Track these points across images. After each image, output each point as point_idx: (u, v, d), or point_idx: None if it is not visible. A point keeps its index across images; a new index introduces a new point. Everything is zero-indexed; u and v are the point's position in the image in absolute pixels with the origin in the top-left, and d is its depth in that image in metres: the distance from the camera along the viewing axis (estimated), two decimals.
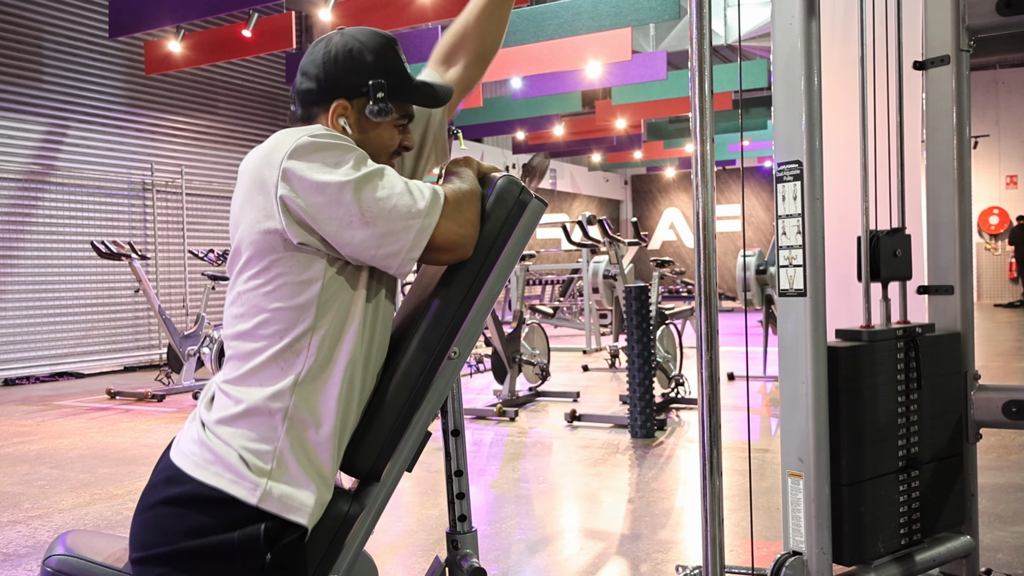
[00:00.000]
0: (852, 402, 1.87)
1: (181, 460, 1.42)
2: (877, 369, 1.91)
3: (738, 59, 5.30)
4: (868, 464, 1.89)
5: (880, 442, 1.91)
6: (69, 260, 9.42)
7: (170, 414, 6.75)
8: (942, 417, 2.07)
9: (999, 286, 17.62)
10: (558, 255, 17.23)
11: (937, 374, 2.05)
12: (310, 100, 1.52)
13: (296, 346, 1.41)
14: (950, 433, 2.09)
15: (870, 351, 1.91)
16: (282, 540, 1.38)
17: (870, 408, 1.89)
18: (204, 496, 1.37)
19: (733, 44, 11.07)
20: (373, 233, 1.38)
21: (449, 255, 1.46)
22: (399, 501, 4.01)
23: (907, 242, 2.05)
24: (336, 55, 1.50)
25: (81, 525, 3.76)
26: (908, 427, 1.97)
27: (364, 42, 1.51)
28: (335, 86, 1.50)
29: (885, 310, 2.04)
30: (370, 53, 1.50)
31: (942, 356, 2.07)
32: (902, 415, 1.96)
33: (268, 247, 1.40)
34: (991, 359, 8.47)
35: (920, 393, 2.00)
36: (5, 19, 8.84)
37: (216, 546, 1.36)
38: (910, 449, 1.98)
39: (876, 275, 2.02)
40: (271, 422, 1.40)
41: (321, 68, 1.51)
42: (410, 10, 7.41)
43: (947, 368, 2.09)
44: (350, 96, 1.50)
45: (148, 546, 1.39)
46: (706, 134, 1.61)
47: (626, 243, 7.34)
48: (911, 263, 2.07)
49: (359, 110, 1.51)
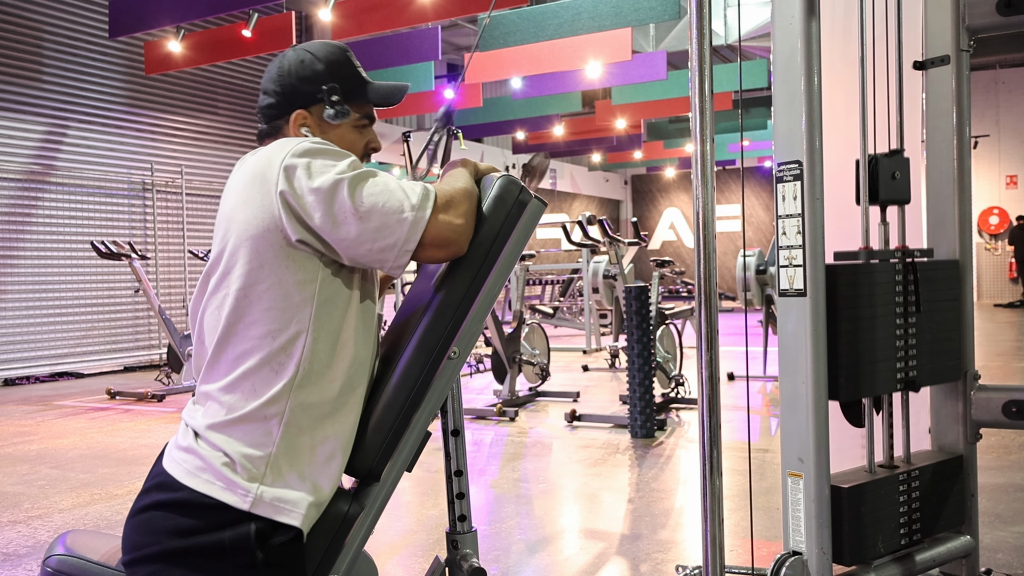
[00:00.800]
0: (850, 321, 1.86)
1: (172, 467, 1.42)
2: (875, 289, 1.91)
3: (738, 59, 5.30)
4: (866, 383, 1.89)
5: (878, 363, 1.91)
6: (69, 260, 9.42)
7: (170, 414, 6.75)
8: (940, 344, 2.06)
9: (999, 286, 17.62)
10: (558, 255, 17.23)
11: (936, 300, 2.05)
12: (272, 115, 1.59)
13: (289, 348, 1.41)
14: (948, 361, 2.09)
15: (868, 270, 1.91)
16: (273, 539, 1.38)
17: (868, 328, 1.89)
18: (195, 502, 1.38)
19: (733, 44, 11.07)
20: (368, 228, 1.40)
21: (443, 251, 1.46)
22: (399, 501, 4.01)
23: (906, 164, 2.02)
24: (289, 68, 1.57)
25: (81, 525, 3.76)
26: (907, 350, 1.97)
27: (314, 53, 1.58)
28: (292, 97, 1.56)
29: (883, 233, 2.02)
30: (320, 62, 1.57)
31: (941, 282, 2.07)
32: (900, 338, 1.96)
33: (265, 244, 1.41)
34: (991, 359, 8.47)
35: (919, 318, 1.99)
36: (5, 19, 8.84)
37: (206, 544, 1.36)
38: (908, 373, 1.97)
39: (875, 198, 2.00)
40: (265, 427, 1.40)
41: (276, 82, 1.58)
42: (410, 10, 7.41)
43: (946, 295, 2.09)
44: (307, 104, 1.57)
45: (139, 547, 1.40)
46: (706, 134, 1.61)
47: (626, 243, 7.34)
48: (910, 186, 2.04)
49: (318, 116, 1.57)
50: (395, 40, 8.68)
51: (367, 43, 8.65)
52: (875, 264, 1.93)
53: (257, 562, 1.36)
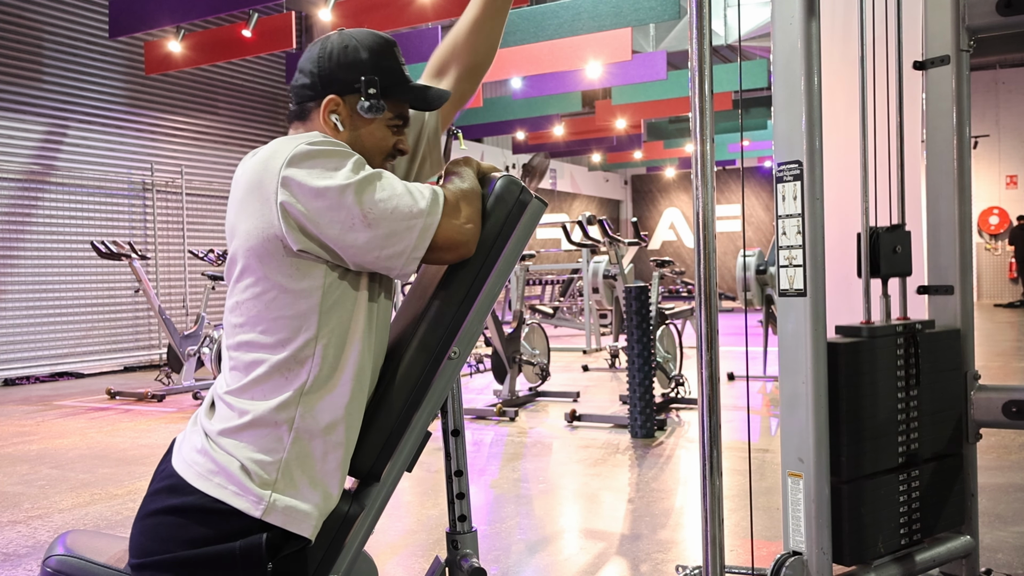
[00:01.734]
0: (852, 398, 1.87)
1: (184, 469, 1.41)
2: (877, 365, 1.91)
3: (738, 59, 5.30)
4: (868, 460, 1.89)
5: (880, 438, 1.92)
6: (69, 260, 9.42)
7: (170, 414, 6.75)
8: (942, 414, 2.07)
9: (999, 286, 17.62)
10: (558, 255, 17.23)
11: (937, 370, 2.05)
12: (304, 96, 1.52)
13: (300, 356, 1.40)
14: (950, 430, 2.09)
15: (870, 347, 1.91)
16: (284, 550, 1.37)
17: (870, 404, 1.89)
18: (207, 507, 1.36)
19: (733, 44, 11.07)
20: (376, 235, 1.37)
21: (452, 254, 1.45)
22: (399, 501, 4.01)
23: (907, 238, 2.04)
24: (331, 51, 1.51)
25: (81, 525, 3.76)
26: (908, 423, 1.97)
27: (361, 40, 1.52)
28: (329, 81, 1.50)
29: (885, 307, 2.04)
30: (366, 51, 1.51)
31: (942, 353, 2.08)
32: (902, 411, 1.96)
33: (267, 255, 1.39)
34: (991, 359, 8.47)
35: (920, 389, 2.00)
36: (5, 19, 8.84)
37: (217, 555, 1.35)
38: (910, 446, 1.98)
39: (876, 271, 2.01)
40: (276, 433, 1.39)
41: (316, 64, 1.51)
42: (410, 10, 7.41)
43: (947, 365, 2.09)
44: (343, 92, 1.50)
45: (148, 553, 1.38)
46: (706, 134, 1.61)
47: (626, 243, 7.34)
48: (911, 259, 2.06)
49: (351, 107, 1.51)
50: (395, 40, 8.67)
51: None
52: (877, 340, 1.93)
53: (267, 573, 1.35)
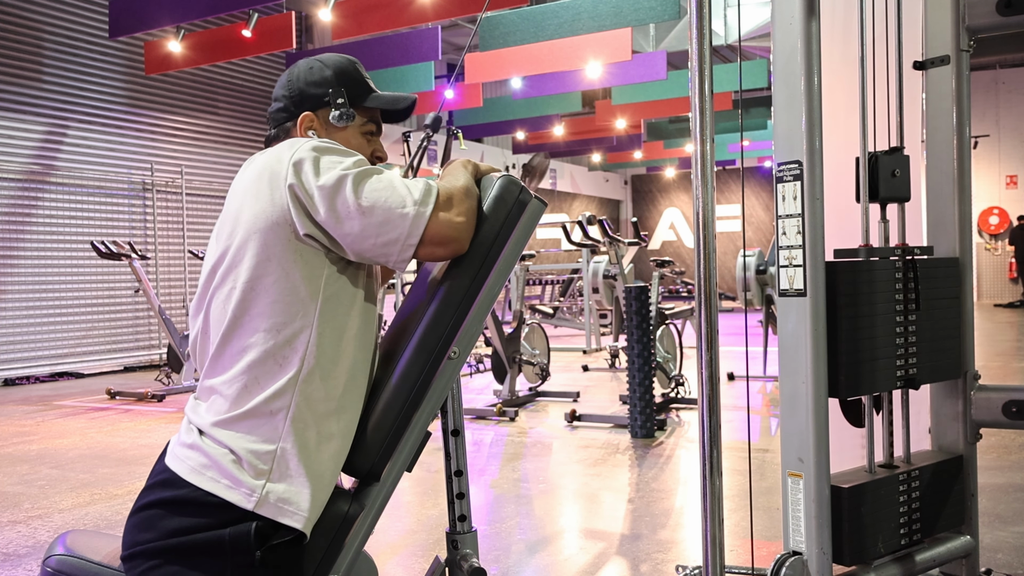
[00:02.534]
0: (849, 319, 1.86)
1: (176, 464, 1.42)
2: (875, 287, 1.91)
3: (738, 59, 5.30)
4: (866, 382, 1.89)
5: (878, 361, 1.91)
6: (69, 260, 9.42)
7: (170, 414, 6.75)
8: (941, 342, 2.06)
9: (999, 286, 17.62)
10: (558, 255, 17.23)
11: (936, 297, 2.05)
12: (280, 119, 1.64)
13: (294, 342, 1.42)
14: (948, 359, 2.09)
15: (868, 267, 1.91)
16: (273, 539, 1.38)
17: (868, 326, 1.89)
18: (199, 500, 1.38)
19: (733, 44, 11.07)
20: (371, 222, 1.42)
21: (444, 249, 1.47)
22: (399, 501, 4.01)
23: (906, 162, 2.02)
24: (298, 74, 1.64)
25: (81, 525, 3.76)
26: (907, 348, 1.97)
27: (324, 61, 1.65)
28: (300, 100, 1.62)
29: (883, 231, 2.02)
30: (328, 68, 1.63)
31: (941, 279, 2.07)
32: (900, 335, 1.96)
33: (273, 238, 1.43)
34: (991, 359, 8.47)
35: (919, 315, 1.99)
36: (5, 19, 8.84)
37: (207, 541, 1.36)
38: (908, 370, 1.97)
39: (875, 196, 2.00)
40: (272, 422, 1.40)
41: (286, 88, 1.64)
42: (410, 10, 7.41)
43: (946, 292, 2.09)
44: (315, 107, 1.62)
45: (138, 543, 1.40)
46: (706, 134, 1.61)
47: (626, 243, 7.34)
48: (910, 183, 2.04)
49: (324, 119, 1.62)
50: (395, 40, 8.68)
51: (367, 43, 8.65)
52: (875, 261, 1.93)
53: (255, 561, 1.36)
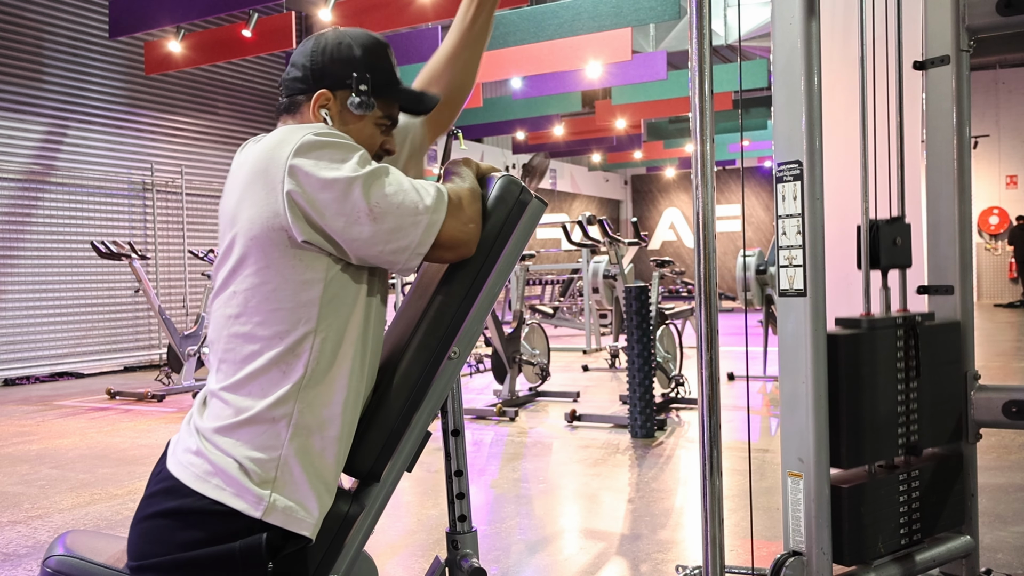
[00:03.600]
0: (852, 390, 1.87)
1: (179, 471, 1.39)
2: (877, 357, 1.91)
3: (738, 59, 5.30)
4: (868, 452, 1.89)
5: (880, 430, 1.91)
6: (69, 260, 9.42)
7: (170, 414, 6.75)
8: (941, 407, 2.06)
9: (999, 286, 17.61)
10: (558, 255, 17.23)
11: (937, 363, 2.05)
12: (295, 89, 1.53)
13: (297, 349, 1.38)
14: (950, 424, 2.09)
15: (870, 338, 1.91)
16: (285, 550, 1.36)
17: (870, 396, 1.89)
18: (206, 510, 1.35)
19: (733, 44, 11.07)
20: (382, 229, 1.37)
21: (453, 252, 1.45)
22: (399, 501, 4.01)
23: (907, 230, 2.03)
24: (325, 46, 1.52)
25: (81, 525, 3.76)
26: (908, 415, 1.97)
27: (355, 38, 1.53)
28: (320, 75, 1.50)
29: (885, 299, 2.03)
30: (360, 48, 1.51)
31: (942, 346, 2.07)
32: (902, 403, 1.96)
33: (270, 244, 1.37)
34: (991, 359, 8.47)
35: (920, 382, 1.99)
36: (5, 19, 8.84)
37: (218, 555, 1.33)
38: (910, 438, 1.97)
39: (876, 263, 2.01)
40: (274, 430, 1.37)
41: (308, 58, 1.52)
42: (410, 10, 7.41)
43: (947, 358, 2.09)
44: (334, 87, 1.50)
45: (147, 555, 1.37)
46: (706, 134, 1.61)
47: (626, 243, 7.34)
48: (911, 251, 2.05)
49: (342, 102, 1.51)
50: (395, 40, 8.67)
51: None
52: (877, 332, 1.93)
53: (268, 573, 1.34)
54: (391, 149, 1.58)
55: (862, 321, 1.94)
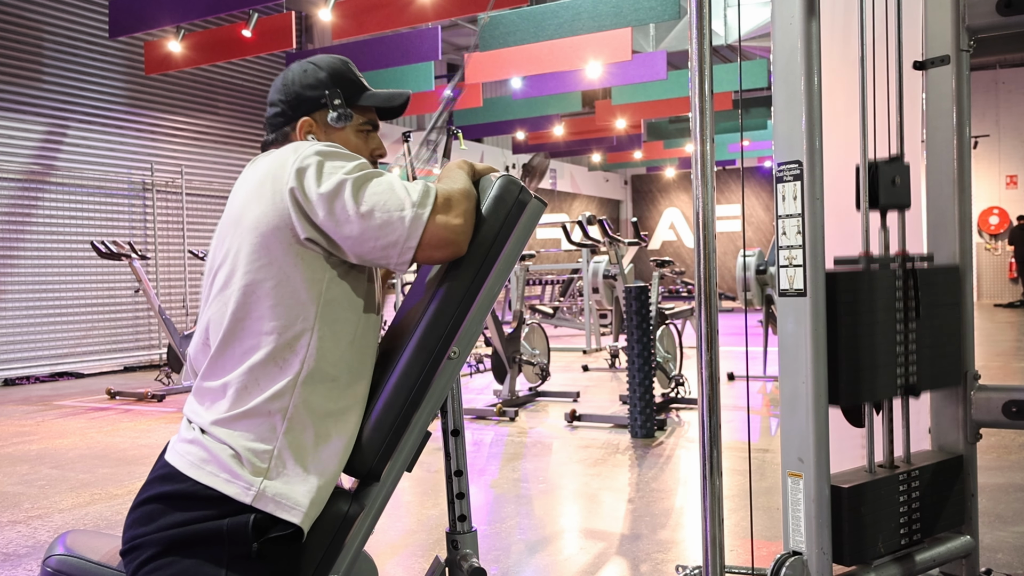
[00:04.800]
0: (850, 327, 1.86)
1: (176, 459, 1.44)
2: (875, 295, 1.91)
3: (738, 59, 5.30)
4: (866, 388, 1.89)
5: (878, 368, 1.91)
6: (69, 260, 9.42)
7: (170, 414, 6.75)
8: (940, 348, 2.06)
9: (999, 286, 17.62)
10: (558, 255, 17.23)
11: (936, 305, 2.05)
12: (278, 124, 1.64)
13: (294, 345, 1.44)
14: (948, 366, 2.09)
15: (868, 276, 1.91)
16: (271, 532, 1.39)
17: (868, 334, 1.89)
18: (198, 494, 1.39)
19: (733, 44, 11.07)
20: (371, 225, 1.43)
21: (442, 252, 1.47)
22: (399, 501, 4.01)
23: (906, 170, 2.02)
24: (293, 78, 1.65)
25: (81, 525, 3.77)
26: (907, 356, 1.97)
27: (317, 63, 1.66)
28: (297, 104, 1.63)
29: (883, 239, 2.02)
30: (323, 71, 1.64)
31: (941, 286, 2.07)
32: (900, 343, 1.96)
33: (275, 241, 1.44)
34: (991, 359, 8.47)
35: (919, 323, 1.99)
36: (5, 19, 8.84)
37: (205, 531, 1.38)
38: (909, 379, 1.97)
39: (875, 203, 1.99)
40: (270, 422, 1.42)
41: (282, 92, 1.65)
42: (410, 10, 7.41)
43: (946, 299, 2.09)
44: (312, 110, 1.63)
45: (137, 536, 1.41)
46: (706, 134, 1.61)
47: (626, 243, 7.34)
48: (910, 191, 2.04)
49: (323, 122, 1.63)
50: (395, 40, 8.68)
51: (367, 43, 8.64)
52: (875, 270, 1.93)
53: (252, 553, 1.37)
54: (381, 152, 1.70)
55: (860, 259, 1.93)
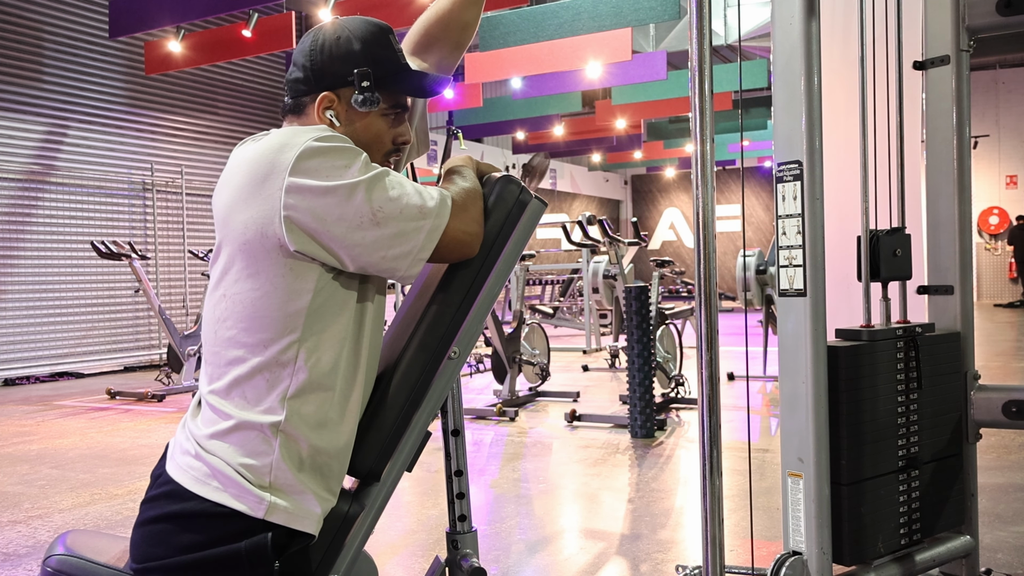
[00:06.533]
0: (852, 401, 1.87)
1: (180, 475, 1.38)
2: (877, 368, 1.91)
3: (738, 59, 5.30)
4: (868, 464, 1.89)
5: (880, 442, 1.92)
6: (69, 260, 9.42)
7: (170, 414, 6.75)
8: (942, 417, 2.07)
9: (999, 286, 17.61)
10: (558, 255, 17.23)
11: (937, 373, 2.05)
12: (298, 90, 1.49)
13: (282, 358, 1.36)
14: (950, 433, 2.09)
15: (870, 350, 1.91)
16: (290, 548, 1.36)
17: (870, 407, 1.89)
18: (208, 512, 1.34)
19: (733, 44, 11.07)
20: (384, 234, 1.35)
21: (455, 254, 1.45)
22: (399, 501, 4.01)
23: (907, 241, 2.05)
24: (323, 43, 1.47)
25: (81, 525, 3.76)
26: (908, 427, 1.97)
27: (353, 30, 1.47)
28: (321, 76, 1.46)
29: (885, 310, 2.04)
30: (358, 41, 1.46)
31: (942, 356, 2.08)
32: (902, 415, 1.96)
33: (261, 251, 1.35)
34: (991, 359, 8.47)
35: (920, 393, 2.00)
36: (5, 19, 8.84)
37: (224, 556, 1.33)
38: (910, 449, 1.98)
39: (876, 275, 2.02)
40: (263, 437, 1.36)
41: (308, 57, 1.48)
42: (410, 10, 7.40)
43: (947, 368, 2.09)
44: (336, 86, 1.46)
45: (151, 558, 1.37)
46: (706, 134, 1.61)
47: (626, 243, 7.34)
48: (911, 263, 2.07)
49: (346, 101, 1.47)
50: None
51: None
52: (877, 343, 1.93)
53: (274, 572, 1.33)
54: (406, 139, 1.54)
55: (862, 332, 1.94)
